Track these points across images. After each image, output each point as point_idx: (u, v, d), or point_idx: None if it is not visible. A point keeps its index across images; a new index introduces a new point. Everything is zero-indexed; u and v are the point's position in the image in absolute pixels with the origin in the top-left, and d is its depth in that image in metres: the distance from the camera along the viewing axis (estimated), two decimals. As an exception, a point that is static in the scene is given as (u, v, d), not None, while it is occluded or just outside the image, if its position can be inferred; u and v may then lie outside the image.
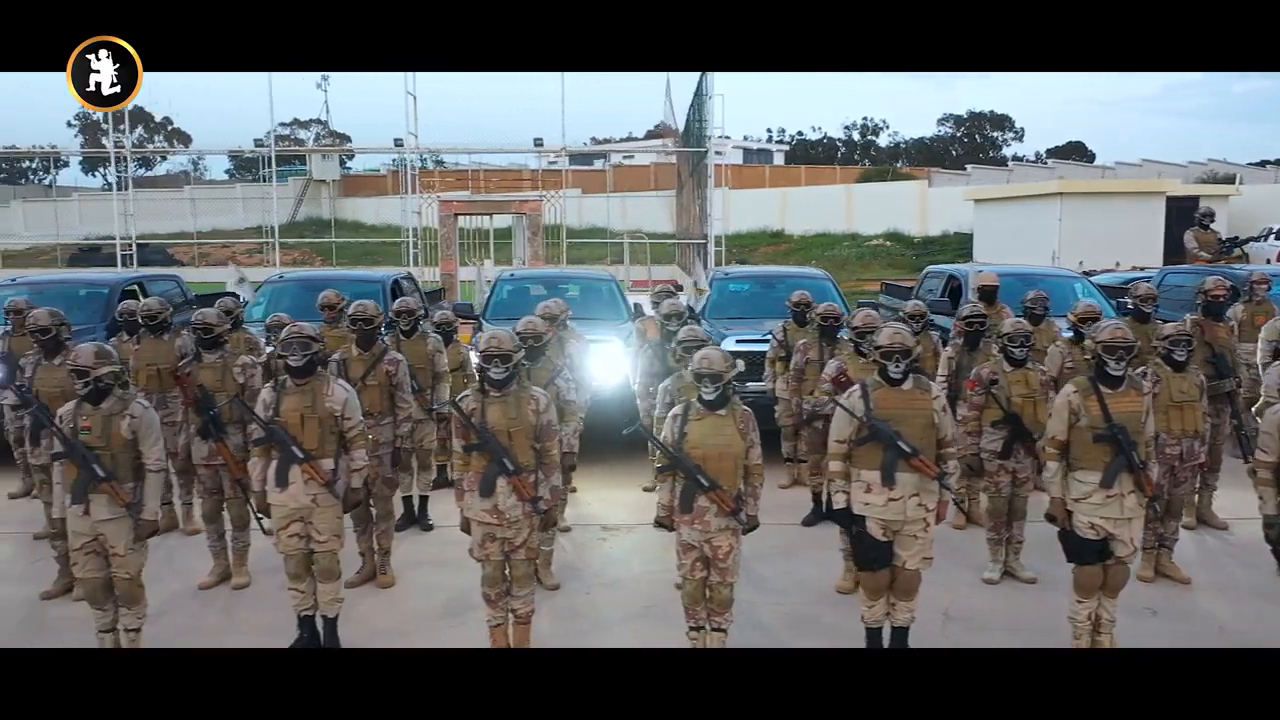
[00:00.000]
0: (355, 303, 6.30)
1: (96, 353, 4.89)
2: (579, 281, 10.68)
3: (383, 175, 53.92)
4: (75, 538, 4.94)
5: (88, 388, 4.83)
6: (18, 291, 10.34)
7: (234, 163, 64.51)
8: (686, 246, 26.25)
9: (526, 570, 5.06)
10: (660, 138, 61.05)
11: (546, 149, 21.08)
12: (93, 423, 4.85)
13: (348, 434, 5.13)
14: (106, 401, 4.90)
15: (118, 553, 4.93)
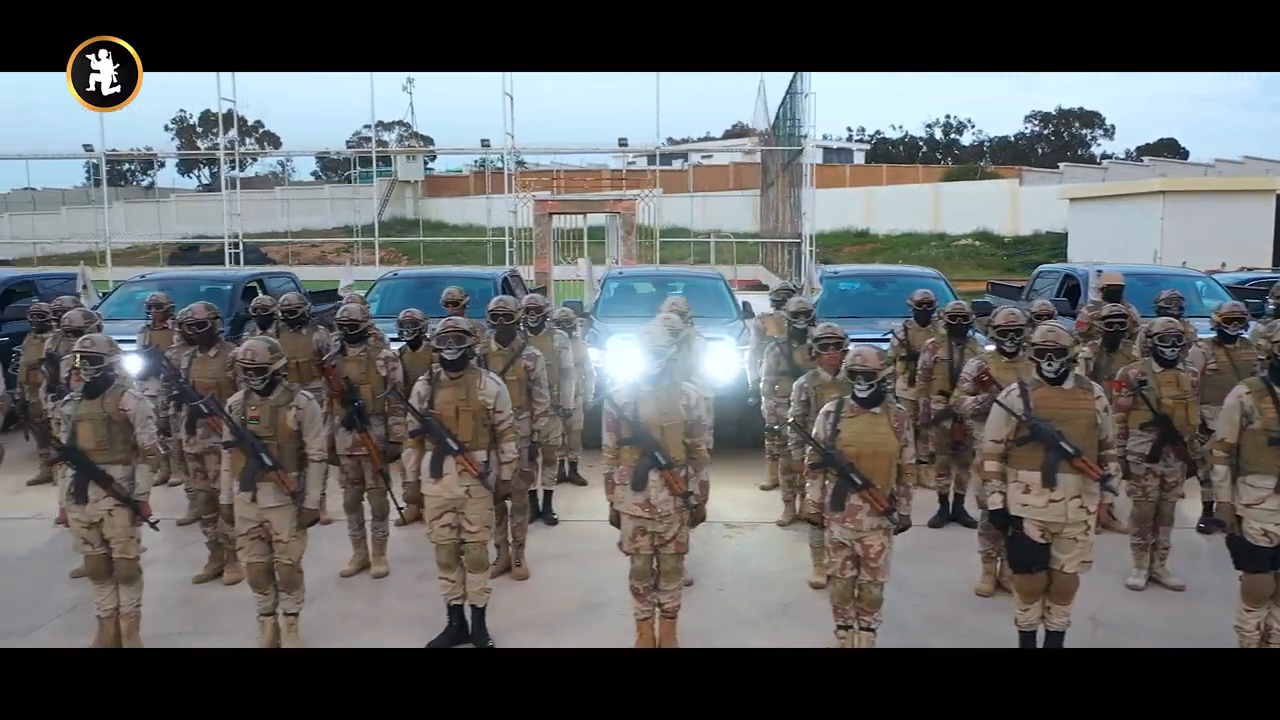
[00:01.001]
0: (496, 299, 6.38)
1: (270, 348, 5.08)
2: (687, 280, 10.69)
3: (465, 176, 54.72)
4: (242, 523, 5.11)
5: (264, 382, 5.00)
6: (146, 288, 10.75)
7: (320, 164, 66.33)
8: (773, 245, 26.12)
9: (675, 565, 5.07)
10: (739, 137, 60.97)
11: (639, 149, 21.10)
12: (261, 413, 5.03)
13: (499, 427, 5.20)
14: (274, 393, 5.07)
15: (281, 539, 5.09)
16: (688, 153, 52.66)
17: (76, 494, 5.02)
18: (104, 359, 5.05)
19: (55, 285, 11.20)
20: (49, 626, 5.70)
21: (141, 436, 5.08)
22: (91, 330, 6.54)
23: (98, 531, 5.08)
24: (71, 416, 5.05)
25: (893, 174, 48.67)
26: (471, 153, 33.64)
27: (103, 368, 5.05)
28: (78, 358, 5.08)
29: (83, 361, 5.03)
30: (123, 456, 5.05)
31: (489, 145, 29.52)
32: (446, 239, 38.15)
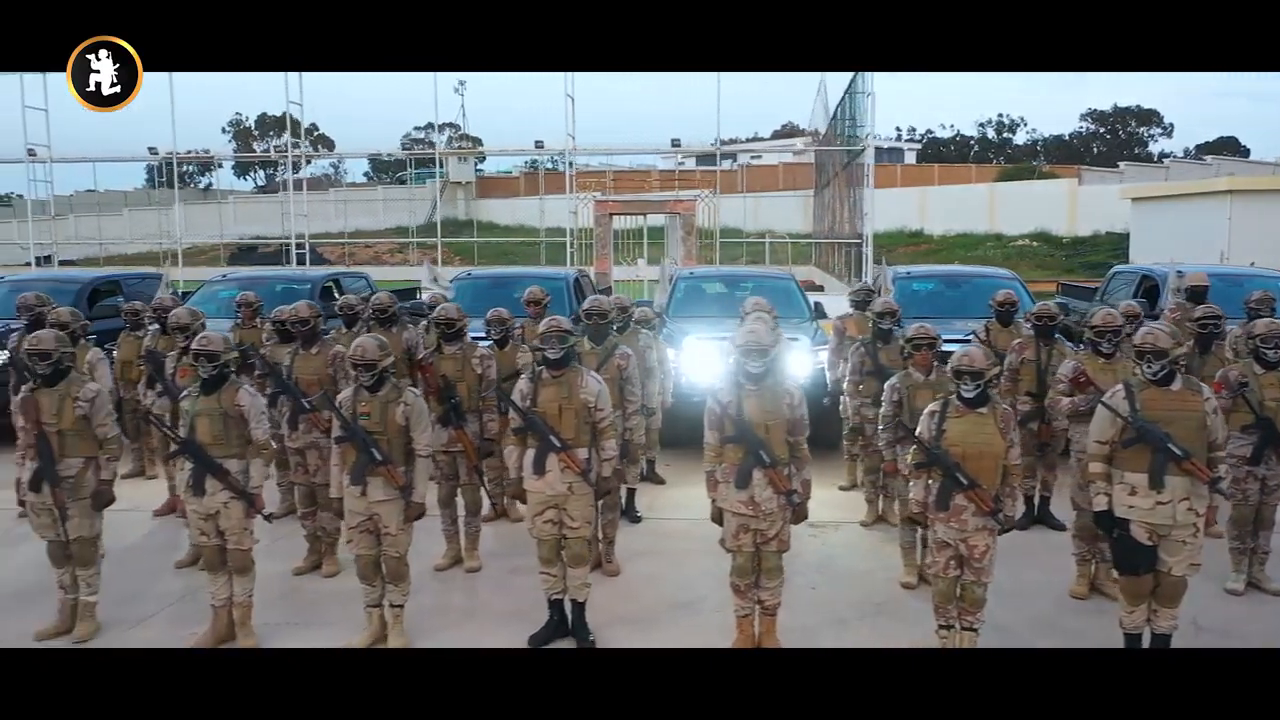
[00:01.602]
0: (591, 298, 6.47)
1: (379, 345, 5.20)
2: (758, 280, 10.72)
3: (515, 177, 55.16)
4: (351, 516, 5.24)
5: (373, 378, 5.12)
6: (228, 288, 11.01)
7: (371, 165, 67.18)
8: (828, 246, 25.99)
9: (777, 562, 5.11)
10: (788, 137, 60.68)
11: (698, 149, 21.12)
12: (371, 409, 5.15)
13: (599, 425, 5.27)
14: (383, 389, 5.19)
15: (389, 532, 5.21)
16: (737, 153, 52.74)
17: (194, 486, 5.19)
18: (219, 356, 5.21)
19: (139, 285, 11.49)
20: (161, 615, 5.88)
21: (255, 431, 5.25)
22: (197, 328, 6.71)
23: (213, 523, 5.24)
24: (190, 411, 5.23)
25: (945, 174, 48.17)
26: (529, 154, 33.87)
27: (219, 365, 5.20)
28: (195, 355, 5.24)
29: (200, 359, 5.19)
30: (238, 450, 5.22)
31: (542, 146, 29.88)
32: (500, 240, 38.46)
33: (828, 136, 24.90)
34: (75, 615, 5.52)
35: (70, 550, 5.45)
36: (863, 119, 18.91)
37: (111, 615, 5.67)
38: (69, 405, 5.29)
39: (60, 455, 5.30)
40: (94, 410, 5.37)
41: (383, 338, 5.46)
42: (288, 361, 6.43)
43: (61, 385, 5.33)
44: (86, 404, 5.33)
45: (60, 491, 5.30)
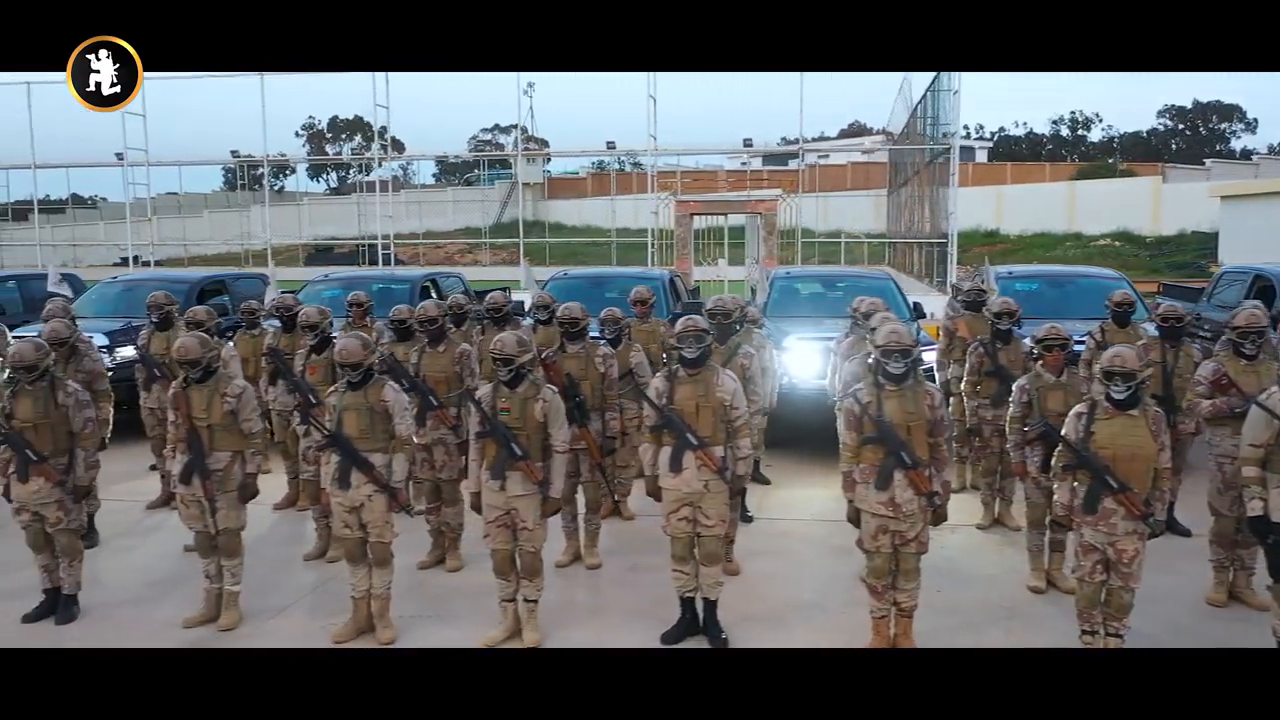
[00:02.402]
0: (714, 298, 6.49)
1: (518, 341, 5.28)
2: (857, 280, 10.64)
3: (582, 178, 55.48)
4: (489, 510, 5.31)
5: (512, 374, 5.20)
6: (330, 287, 11.24)
7: (439, 167, 68.09)
8: (905, 246, 25.69)
9: (915, 564, 5.08)
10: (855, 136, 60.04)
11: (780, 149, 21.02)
12: (511, 405, 5.23)
13: (735, 423, 5.27)
14: (522, 385, 5.26)
15: (526, 526, 5.28)
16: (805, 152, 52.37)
17: (340, 479, 5.32)
18: (362, 363, 5.34)
19: (244, 284, 11.79)
20: (298, 606, 6.04)
21: (399, 427, 5.37)
22: (325, 326, 6.86)
23: (356, 515, 5.36)
24: (337, 406, 5.37)
25: (1017, 172, 47.30)
26: (604, 155, 34.10)
27: (363, 369, 5.35)
28: (340, 366, 5.39)
29: (344, 369, 5.37)
30: (382, 445, 5.35)
31: (614, 146, 30.03)
32: (577, 240, 38.59)
33: (907, 135, 24.60)
34: (220, 604, 5.69)
35: (216, 541, 5.62)
36: (947, 116, 18.65)
37: (251, 605, 5.83)
38: (218, 401, 5.50)
39: (210, 449, 5.49)
40: (240, 406, 5.55)
41: (521, 334, 5.53)
42: (415, 360, 6.55)
43: (211, 381, 5.54)
44: (234, 399, 5.53)
45: (210, 484, 5.48)
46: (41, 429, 5.60)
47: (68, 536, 5.77)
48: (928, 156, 21.19)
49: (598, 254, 36.83)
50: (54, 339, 6.92)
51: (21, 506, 5.69)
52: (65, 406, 5.67)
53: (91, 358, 7.17)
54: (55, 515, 5.70)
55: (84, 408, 5.77)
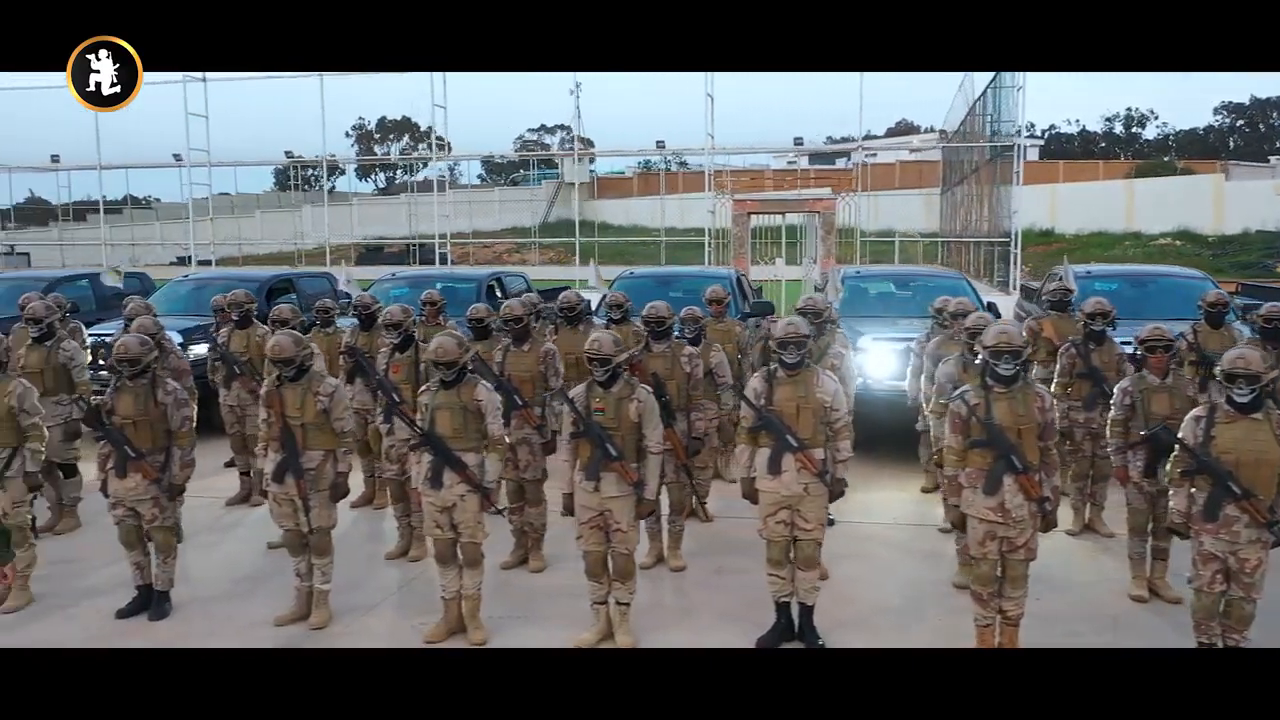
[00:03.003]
0: (806, 297, 6.38)
1: (614, 341, 5.21)
2: (929, 280, 10.46)
3: (628, 177, 55.48)
4: (582, 511, 5.25)
5: (607, 374, 5.13)
6: (398, 286, 11.27)
7: (485, 167, 68.42)
8: (958, 245, 25.32)
9: (1023, 571, 4.93)
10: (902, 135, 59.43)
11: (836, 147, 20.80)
12: (606, 405, 5.15)
13: (834, 425, 5.17)
14: (616, 385, 5.19)
15: (620, 528, 5.21)
16: (851, 151, 52.07)
17: (432, 479, 5.28)
18: (456, 361, 5.30)
19: (311, 283, 11.87)
20: (385, 604, 6.04)
21: (492, 427, 5.33)
22: (409, 325, 6.84)
23: (449, 516, 5.32)
24: (430, 405, 5.33)
25: (1069, 170, 46.51)
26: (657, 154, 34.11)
27: (457, 368, 5.30)
28: (434, 364, 5.33)
29: (439, 368, 5.30)
30: (474, 445, 5.31)
31: (664, 146, 30.01)
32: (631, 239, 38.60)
33: (963, 132, 24.24)
34: (310, 603, 5.69)
35: (308, 540, 5.62)
36: (1010, 113, 18.34)
37: (338, 603, 5.82)
38: (311, 400, 5.48)
39: (302, 448, 5.48)
40: (333, 405, 5.53)
41: (616, 334, 5.46)
42: (499, 359, 6.51)
43: (304, 380, 5.52)
44: (326, 398, 5.51)
45: (304, 483, 5.46)
46: (141, 425, 5.62)
47: (163, 533, 5.78)
48: (987, 154, 20.84)
49: (645, 253, 36.81)
50: (125, 357, 6.93)
51: (118, 502, 5.71)
52: (164, 404, 5.70)
53: (177, 355, 7.25)
54: (151, 512, 5.71)
55: (182, 406, 5.80)
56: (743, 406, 5.33)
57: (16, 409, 5.82)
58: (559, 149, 61.79)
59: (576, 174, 52.48)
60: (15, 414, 5.82)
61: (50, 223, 45.27)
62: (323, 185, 29.31)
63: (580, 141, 61.20)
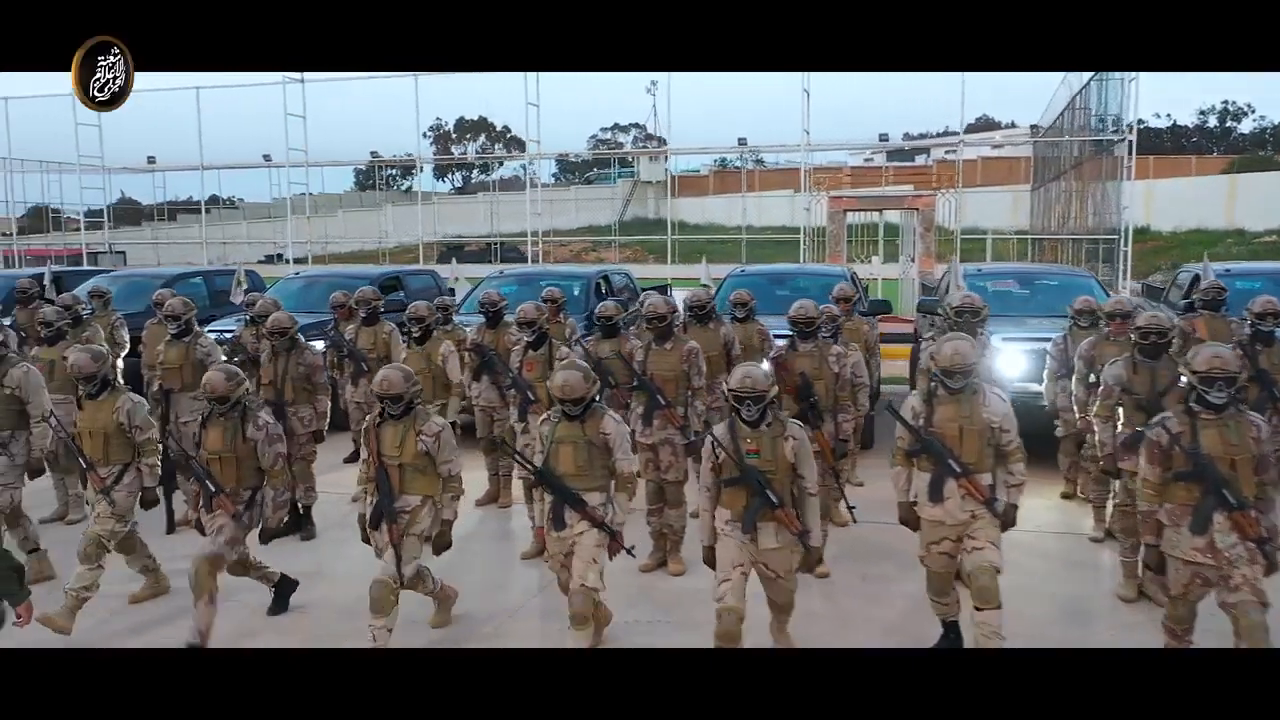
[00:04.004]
0: (963, 294, 6.14)
1: (766, 375, 4.71)
2: (1058, 278, 10.07)
3: (704, 176, 55.24)
4: (731, 565, 4.62)
5: (759, 410, 4.57)
6: (504, 284, 11.24)
7: (559, 166, 68.79)
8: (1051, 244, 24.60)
9: (1260, 619, 4.29)
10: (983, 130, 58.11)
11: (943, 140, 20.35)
12: (760, 445, 4.55)
13: (1005, 447, 4.75)
14: (766, 421, 4.61)
15: (779, 578, 4.72)
16: (935, 147, 51.25)
17: (555, 519, 4.80)
18: (584, 398, 4.75)
19: (418, 280, 11.92)
20: (529, 606, 5.96)
21: (622, 463, 4.81)
22: (542, 323, 6.75)
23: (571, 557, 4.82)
24: (549, 438, 4.81)
25: (1161, 166, 44.97)
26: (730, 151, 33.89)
27: (586, 402, 4.75)
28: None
29: (566, 405, 4.76)
30: (601, 483, 4.81)
31: (745, 143, 29.77)
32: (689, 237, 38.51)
33: (1060, 126, 23.53)
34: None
35: (397, 595, 5.04)
36: (1118, 105, 17.70)
37: (483, 605, 5.80)
38: (412, 439, 5.00)
39: (399, 491, 5.02)
40: (439, 446, 5.04)
41: (766, 369, 5.17)
42: (641, 357, 6.39)
43: (407, 418, 5.05)
44: (431, 439, 5.01)
45: (396, 527, 4.99)
46: (227, 462, 5.27)
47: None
48: (1090, 148, 20.18)
49: (724, 252, 36.53)
50: (277, 328, 7.00)
51: None
52: (254, 440, 5.28)
53: (312, 351, 7.23)
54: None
55: (274, 442, 5.36)
56: (897, 426, 4.94)
57: (126, 425, 5.54)
58: (632, 147, 61.96)
59: (653, 172, 52.92)
60: (125, 430, 5.54)
61: (142, 222, 46.61)
62: (415, 184, 29.61)
63: (652, 139, 61.35)
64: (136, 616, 5.80)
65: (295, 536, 7.09)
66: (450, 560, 6.66)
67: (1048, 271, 10.60)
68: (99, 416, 5.55)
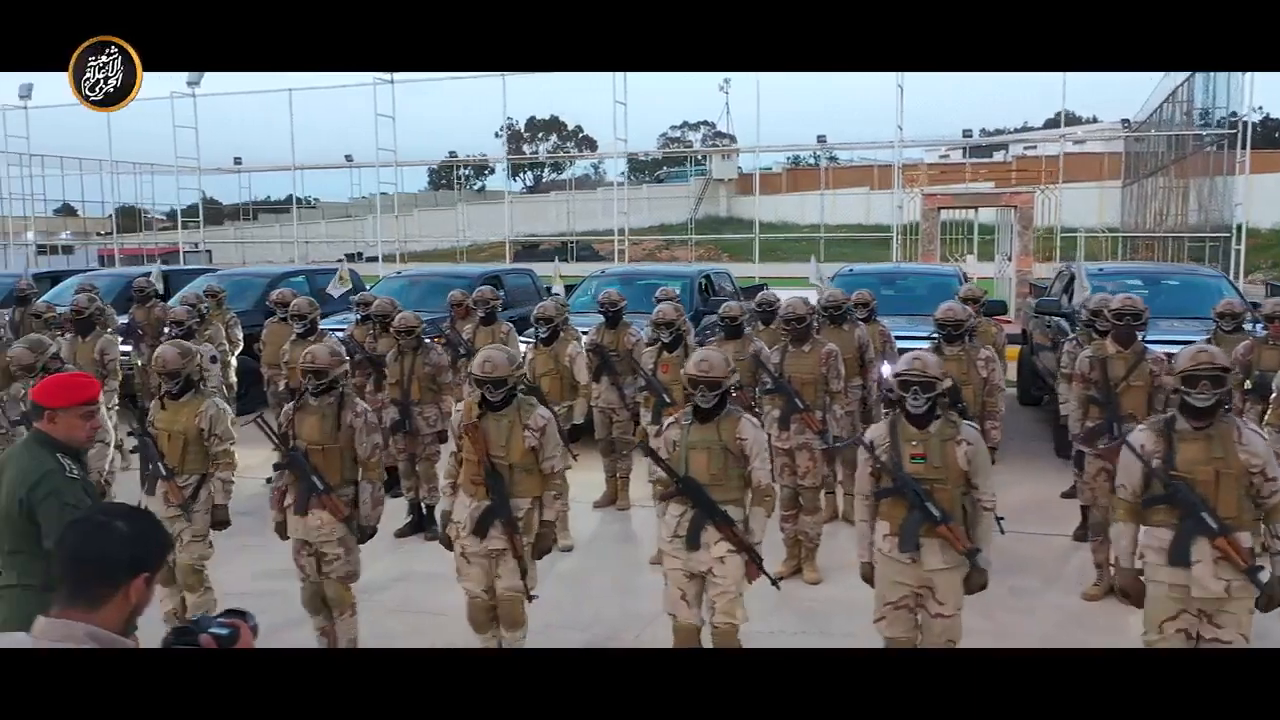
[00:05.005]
0: (1121, 296, 5.88)
1: (939, 364, 4.29)
2: (1184, 277, 9.68)
3: (777, 174, 54.76)
4: (894, 589, 4.21)
5: (929, 403, 4.11)
6: (609, 282, 11.17)
7: (629, 165, 68.82)
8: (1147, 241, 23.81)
9: None
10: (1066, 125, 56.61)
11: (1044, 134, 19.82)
12: (927, 449, 4.08)
13: (1268, 500, 3.92)
14: (936, 421, 4.15)
15: (943, 613, 4.17)
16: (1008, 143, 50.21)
17: (690, 536, 4.28)
18: (721, 382, 4.29)
19: (517, 279, 11.94)
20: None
21: (759, 473, 4.32)
22: (681, 324, 6.62)
23: (698, 584, 4.37)
24: (681, 444, 4.33)
25: (1258, 161, 43.28)
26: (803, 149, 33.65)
27: (720, 390, 4.30)
28: (693, 382, 4.33)
29: (700, 387, 4.29)
30: (737, 495, 4.34)
31: (824, 140, 29.44)
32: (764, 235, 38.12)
33: (1158, 120, 22.76)
34: None
35: (495, 612, 4.72)
36: (1228, 96, 17.03)
37: (621, 608, 5.72)
38: (518, 435, 4.52)
39: (510, 492, 4.53)
40: (544, 441, 4.58)
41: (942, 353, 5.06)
42: (778, 359, 6.24)
43: (510, 410, 4.58)
44: (537, 433, 4.55)
45: (519, 538, 4.55)
46: (329, 454, 4.79)
47: (338, 585, 4.90)
48: (1193, 142, 19.46)
49: (798, 250, 36.14)
50: (404, 326, 6.99)
51: (302, 543, 4.88)
52: (353, 428, 4.84)
53: (437, 350, 7.21)
54: (335, 552, 4.83)
55: (373, 431, 4.91)
56: (1121, 468, 4.12)
57: (206, 431, 5.04)
58: (701, 145, 61.71)
59: (725, 170, 52.67)
60: (205, 437, 5.05)
61: (224, 222, 47.76)
62: (490, 183, 29.40)
63: (722, 137, 61.02)
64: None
65: (419, 536, 7.08)
66: (577, 564, 6.64)
67: (1172, 271, 10.19)
68: (179, 419, 5.05)
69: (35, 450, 3.52)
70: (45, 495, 3.41)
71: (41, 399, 3.60)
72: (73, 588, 1.93)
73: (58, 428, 3.53)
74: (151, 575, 2.01)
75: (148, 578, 2.00)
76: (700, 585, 4.33)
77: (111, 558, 1.96)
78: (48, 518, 3.39)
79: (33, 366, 5.99)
